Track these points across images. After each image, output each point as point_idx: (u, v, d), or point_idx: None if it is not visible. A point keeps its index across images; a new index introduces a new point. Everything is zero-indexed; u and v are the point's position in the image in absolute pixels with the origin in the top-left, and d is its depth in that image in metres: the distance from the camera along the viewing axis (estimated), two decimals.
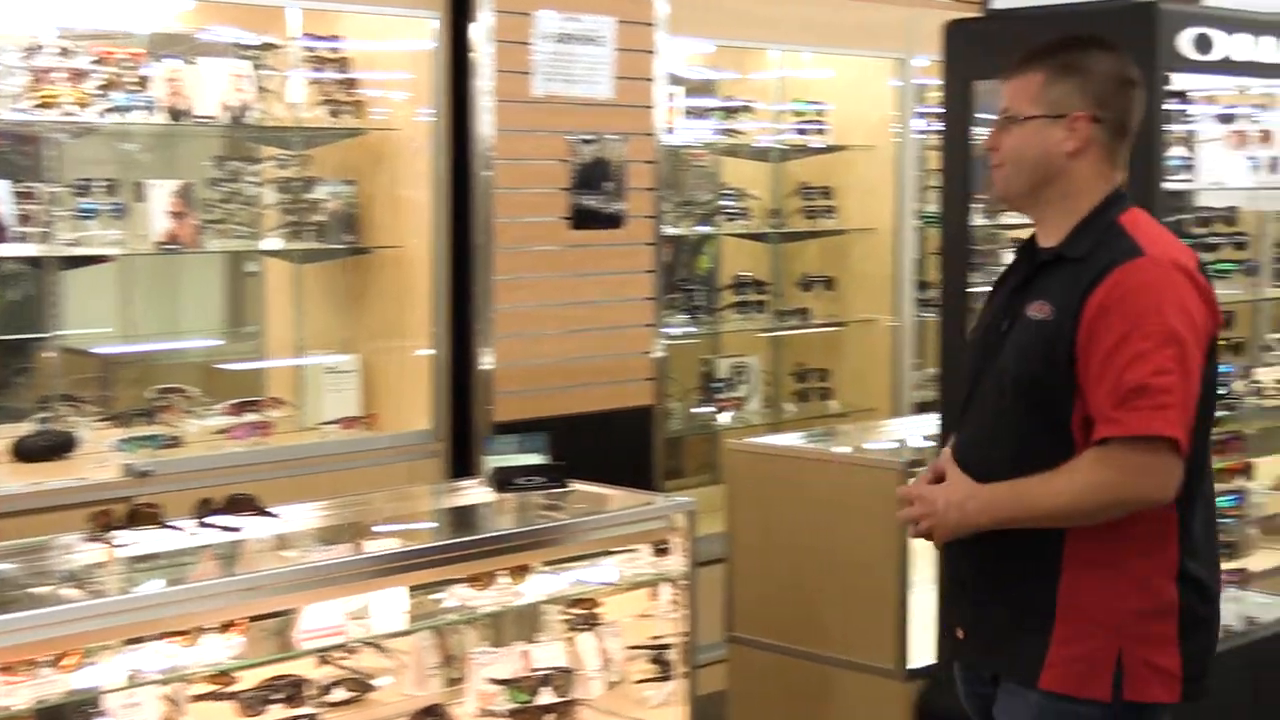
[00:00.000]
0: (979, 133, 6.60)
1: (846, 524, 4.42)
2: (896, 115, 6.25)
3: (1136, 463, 2.56)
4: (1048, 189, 2.74)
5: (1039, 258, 2.77)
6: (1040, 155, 2.73)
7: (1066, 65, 2.74)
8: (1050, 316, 2.66)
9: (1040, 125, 2.73)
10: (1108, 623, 2.64)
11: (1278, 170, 4.37)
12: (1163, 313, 2.58)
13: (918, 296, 6.35)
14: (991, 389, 2.76)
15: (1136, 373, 2.55)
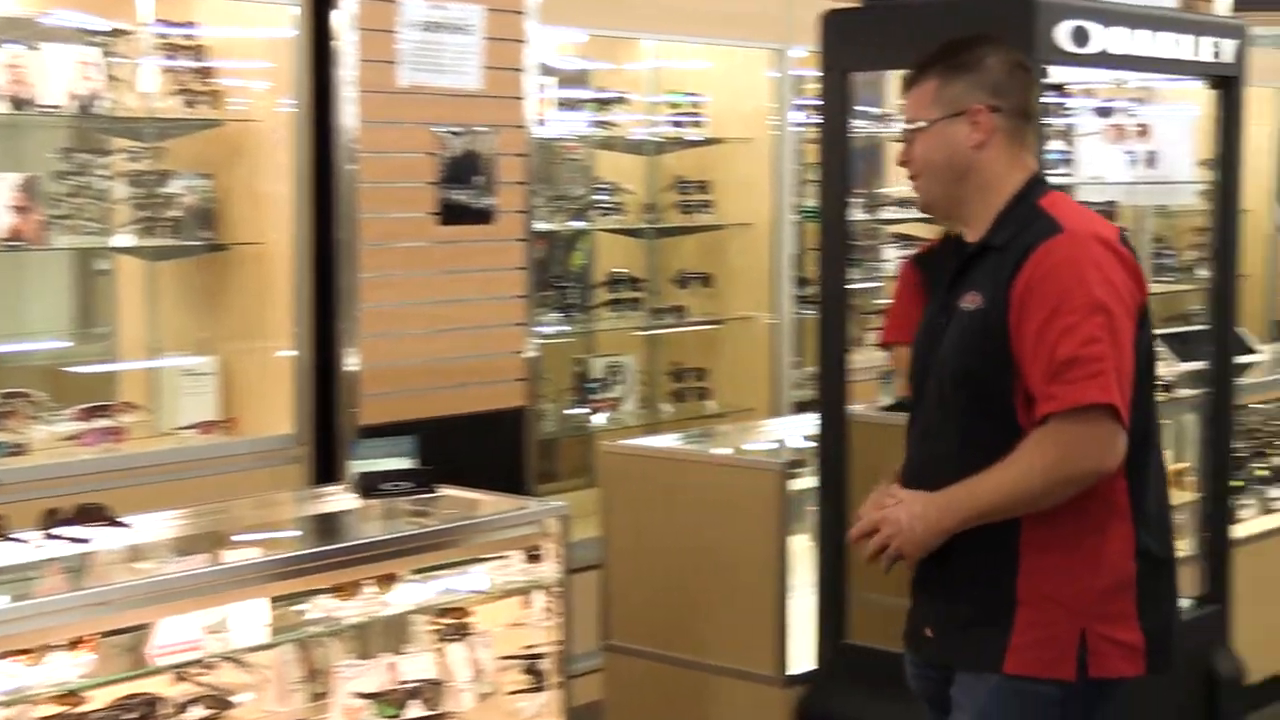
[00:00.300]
0: (858, 125, 6.72)
1: (725, 527, 4.44)
2: (774, 107, 6.30)
3: (1077, 434, 2.67)
4: (963, 186, 2.85)
5: (966, 251, 2.87)
6: (948, 155, 2.84)
7: (956, 64, 2.85)
8: (981, 305, 2.77)
9: (943, 126, 2.84)
10: (1069, 604, 2.73)
11: (1155, 165, 4.48)
12: (1086, 284, 2.68)
13: (797, 293, 6.41)
14: (934, 385, 2.86)
15: (1066, 346, 2.66)
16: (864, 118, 6.83)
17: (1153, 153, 4.45)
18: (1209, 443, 4.58)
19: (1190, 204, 6.97)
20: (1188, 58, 4.16)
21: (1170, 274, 7.82)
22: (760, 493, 4.36)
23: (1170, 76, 4.51)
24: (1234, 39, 4.29)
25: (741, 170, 6.41)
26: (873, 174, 7.61)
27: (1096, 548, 2.75)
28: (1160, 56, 4.09)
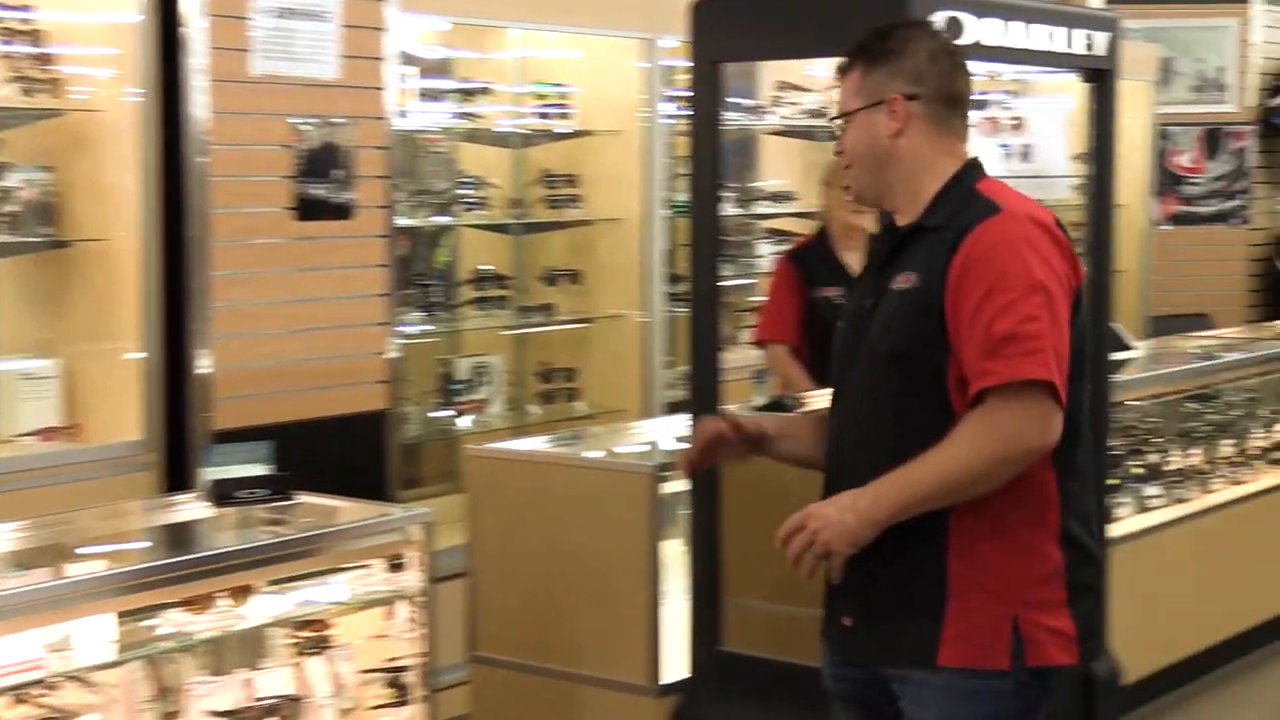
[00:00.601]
0: (730, 117, 6.75)
1: (596, 532, 4.45)
2: (644, 99, 6.32)
3: (1015, 412, 2.69)
4: (886, 174, 2.91)
5: (898, 234, 2.91)
6: (870, 144, 2.91)
7: (878, 53, 2.92)
8: (915, 284, 2.80)
9: (864, 116, 2.91)
10: (999, 591, 2.76)
11: (1030, 158, 4.56)
12: (1025, 263, 2.73)
13: (668, 290, 6.43)
14: (863, 369, 2.87)
15: (1004, 323, 2.69)
16: (736, 110, 6.89)
17: (1028, 146, 4.54)
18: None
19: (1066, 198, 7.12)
20: (1061, 50, 4.24)
21: None
22: (631, 496, 4.37)
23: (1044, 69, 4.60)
24: (1106, 32, 4.38)
25: (611, 164, 6.42)
26: (746, 168, 7.67)
27: (1026, 536, 2.78)
28: (1034, 49, 4.16)
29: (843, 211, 5.47)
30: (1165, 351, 6.67)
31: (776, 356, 5.45)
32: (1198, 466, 6.05)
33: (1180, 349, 6.69)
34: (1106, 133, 4.51)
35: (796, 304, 5.44)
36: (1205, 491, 5.98)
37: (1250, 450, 6.31)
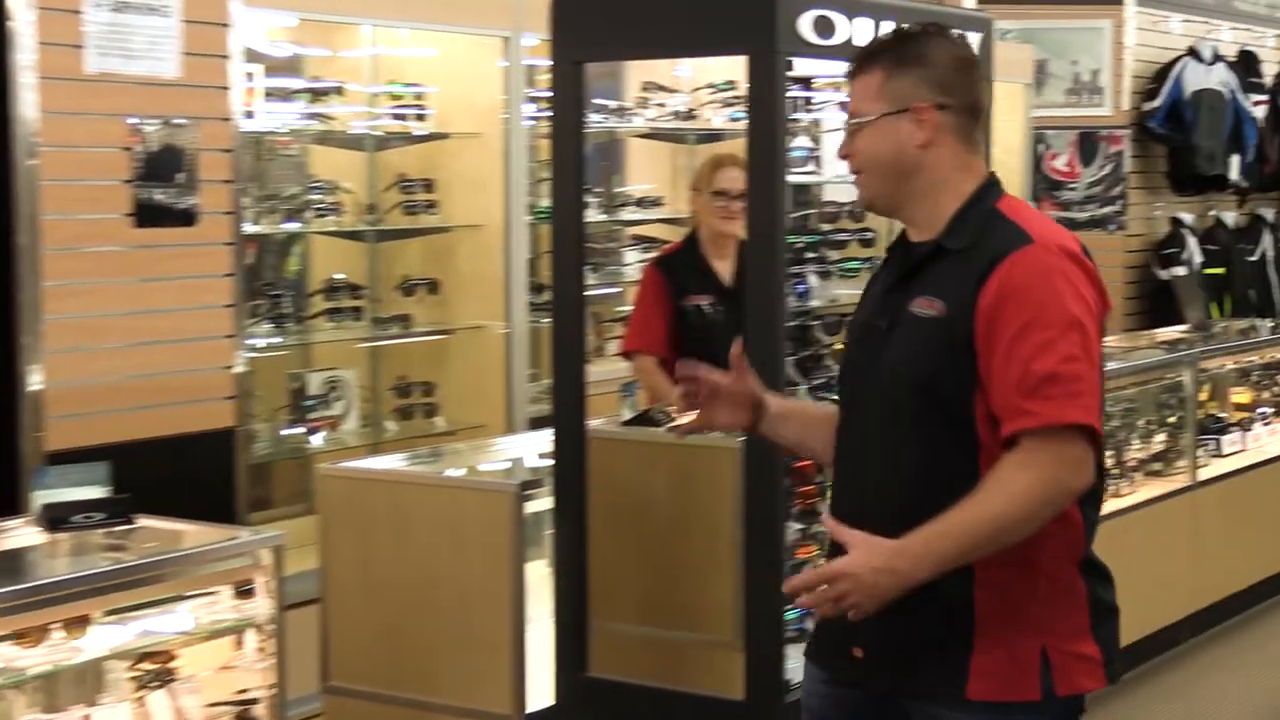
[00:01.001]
0: (595, 119, 6.78)
1: (456, 554, 4.43)
2: (505, 100, 6.31)
3: (1054, 454, 2.70)
4: (908, 185, 2.89)
5: (915, 253, 2.89)
6: (894, 152, 2.87)
7: (903, 57, 2.88)
8: (942, 313, 2.79)
9: (887, 122, 2.86)
10: (1027, 622, 2.80)
11: None
12: (1061, 298, 2.74)
13: (531, 300, 6.43)
14: (881, 393, 2.86)
15: (1044, 361, 2.70)
16: (600, 111, 6.91)
17: None
18: None
19: None
20: None
21: None
22: (494, 516, 4.36)
23: None
24: (978, 32, 4.45)
25: (470, 167, 6.40)
26: (611, 172, 7.70)
27: (1052, 565, 2.82)
28: None
29: (712, 218, 5.52)
30: None
31: (644, 368, 5.47)
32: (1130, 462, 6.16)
33: None
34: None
35: (664, 313, 5.47)
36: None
37: (1128, 463, 6.43)
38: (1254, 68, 10.79)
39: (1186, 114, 9.87)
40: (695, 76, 7.40)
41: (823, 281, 4.45)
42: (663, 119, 7.29)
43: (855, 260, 4.58)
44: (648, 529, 4.45)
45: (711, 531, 4.32)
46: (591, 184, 7.08)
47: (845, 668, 2.93)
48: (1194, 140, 9.93)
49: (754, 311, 3.98)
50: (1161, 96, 9.82)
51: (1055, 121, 9.71)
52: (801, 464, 4.29)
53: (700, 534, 4.36)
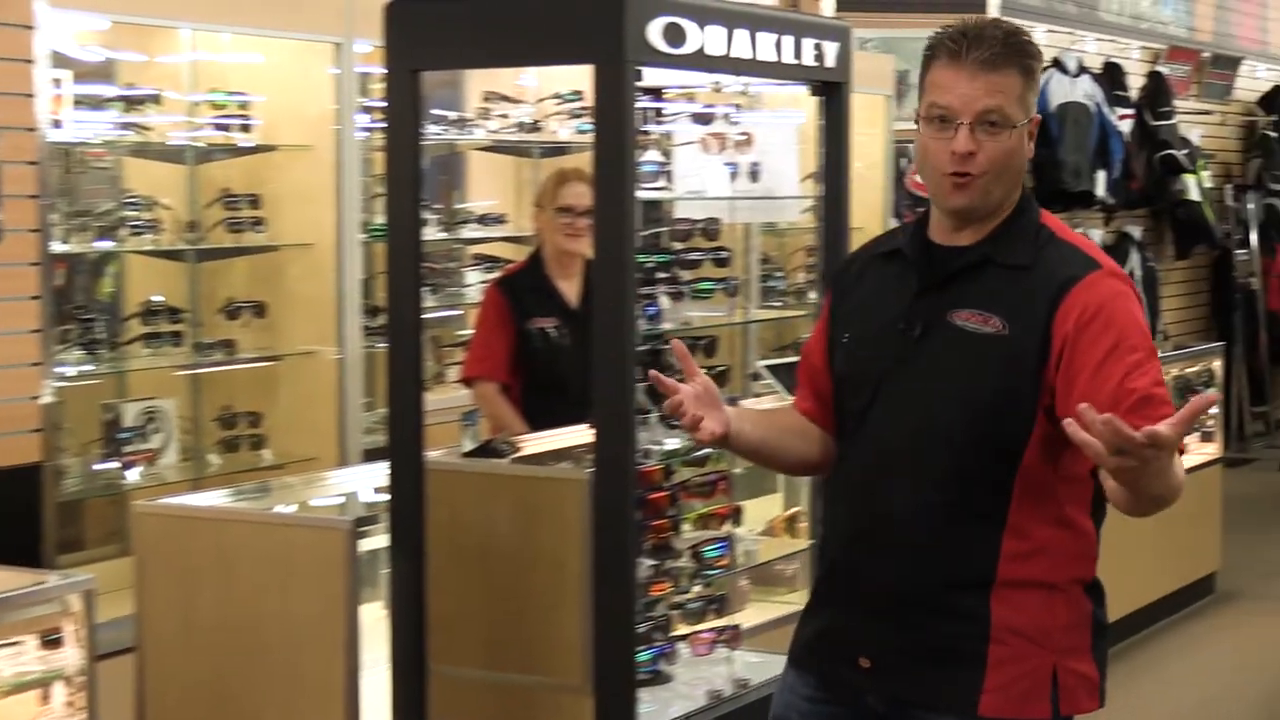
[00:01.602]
0: (433, 131, 6.76)
1: (285, 597, 4.38)
2: (336, 110, 6.27)
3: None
4: (1007, 194, 2.99)
5: (954, 259, 2.96)
6: (1014, 162, 2.96)
7: (1031, 69, 2.98)
8: (1004, 331, 2.89)
9: (1022, 132, 2.95)
10: (1041, 639, 2.95)
11: (759, 178, 4.66)
12: (1140, 325, 2.92)
13: (366, 324, 6.40)
14: (912, 404, 2.94)
15: (1140, 381, 2.83)
16: (439, 122, 6.89)
17: (756, 165, 4.63)
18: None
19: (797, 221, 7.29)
20: (789, 61, 4.36)
21: (779, 298, 8.15)
22: (325, 555, 4.32)
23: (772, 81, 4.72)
24: (837, 42, 4.52)
25: (299, 182, 6.36)
26: (451, 187, 7.68)
27: (1066, 585, 2.99)
28: (761, 60, 4.27)
29: (557, 236, 5.54)
30: None
31: (485, 395, 5.47)
32: None
33: None
34: (838, 150, 4.64)
35: (507, 337, 5.49)
36: None
37: None
38: (1120, 80, 11.05)
39: (1051, 128, 10.07)
40: (540, 86, 7.42)
41: (674, 303, 4.46)
42: (506, 131, 7.30)
43: (709, 281, 4.61)
44: (491, 567, 4.44)
45: (558, 568, 4.32)
46: (430, 199, 7.07)
47: (848, 676, 3.03)
48: (1059, 155, 10.13)
49: (602, 335, 3.99)
50: None
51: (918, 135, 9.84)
52: (655, 496, 4.31)
53: (547, 571, 4.35)
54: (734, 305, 4.60)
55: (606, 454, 4.01)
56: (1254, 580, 8.58)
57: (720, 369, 4.64)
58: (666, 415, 3.37)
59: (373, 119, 6.35)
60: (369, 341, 6.40)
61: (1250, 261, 12.66)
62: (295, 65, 6.32)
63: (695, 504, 4.54)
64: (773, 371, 5.73)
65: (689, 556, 4.45)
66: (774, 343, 8.57)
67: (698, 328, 4.56)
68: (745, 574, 5.01)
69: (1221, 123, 12.90)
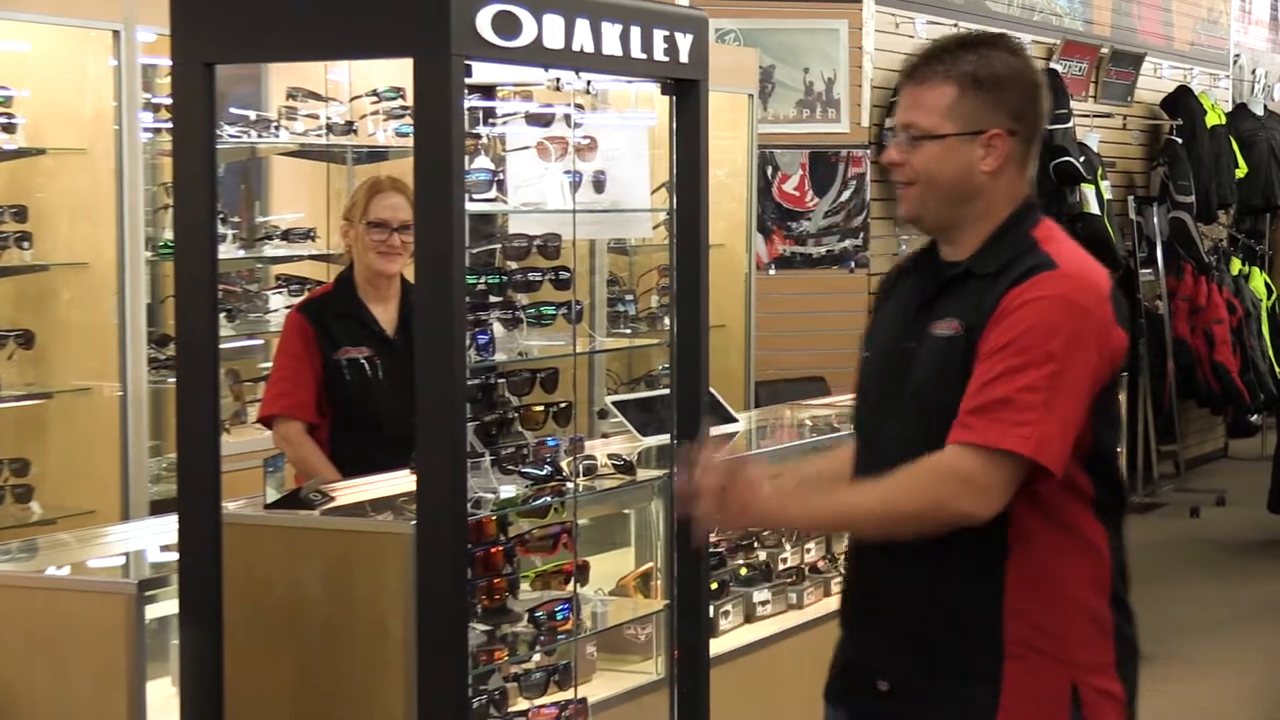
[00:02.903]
0: (230, 133, 6.72)
1: (59, 672, 4.34)
2: (116, 108, 6.21)
3: (973, 474, 3.17)
4: (964, 209, 3.32)
5: (945, 273, 3.36)
6: (957, 175, 3.31)
7: (979, 77, 3.27)
8: (958, 332, 3.26)
9: (957, 143, 3.29)
10: (1056, 654, 3.25)
11: (604, 188, 4.68)
12: (1052, 329, 3.19)
13: (153, 355, 6.34)
14: (903, 416, 3.33)
15: (1004, 386, 3.17)
16: (238, 123, 6.85)
17: (601, 173, 4.65)
18: (678, 536, 4.80)
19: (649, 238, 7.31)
20: (637, 55, 4.38)
21: (629, 325, 8.18)
22: (106, 623, 4.28)
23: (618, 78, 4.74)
24: (691, 33, 4.55)
25: (73, 191, 6.30)
26: (252, 197, 7.64)
27: (1082, 595, 3.28)
28: (605, 53, 4.29)
29: (369, 254, 5.52)
30: (774, 423, 6.94)
31: (289, 437, 5.44)
32: (815, 564, 6.29)
33: (792, 420, 6.97)
34: (694, 156, 4.67)
35: (313, 370, 5.45)
36: (824, 594, 6.22)
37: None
38: None
39: None
40: (354, 82, 7.41)
41: (509, 331, 4.47)
42: (314, 133, 7.27)
43: (548, 305, 4.62)
44: (299, 635, 4.41)
45: (378, 636, 4.30)
46: (227, 211, 7.02)
47: (872, 703, 3.36)
48: None
49: (425, 367, 3.98)
50: None
51: (785, 139, 9.93)
52: (488, 551, 4.31)
53: (364, 639, 4.33)
54: (577, 333, 4.60)
55: (432, 503, 4.01)
56: (1166, 640, 8.55)
57: (562, 405, 4.64)
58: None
59: (158, 118, 6.30)
60: (156, 376, 6.35)
61: (1156, 283, 12.85)
62: (68, 56, 6.26)
63: (535, 560, 4.54)
64: (622, 409, 5.75)
65: (528, 620, 4.46)
66: (624, 375, 8.61)
67: (536, 359, 4.57)
68: (592, 640, 5.02)
69: (1123, 127, 13.14)
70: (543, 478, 4.46)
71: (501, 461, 4.40)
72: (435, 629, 4.08)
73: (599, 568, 4.98)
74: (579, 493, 4.61)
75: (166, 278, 6.33)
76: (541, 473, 4.45)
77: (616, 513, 5.48)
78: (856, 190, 10.07)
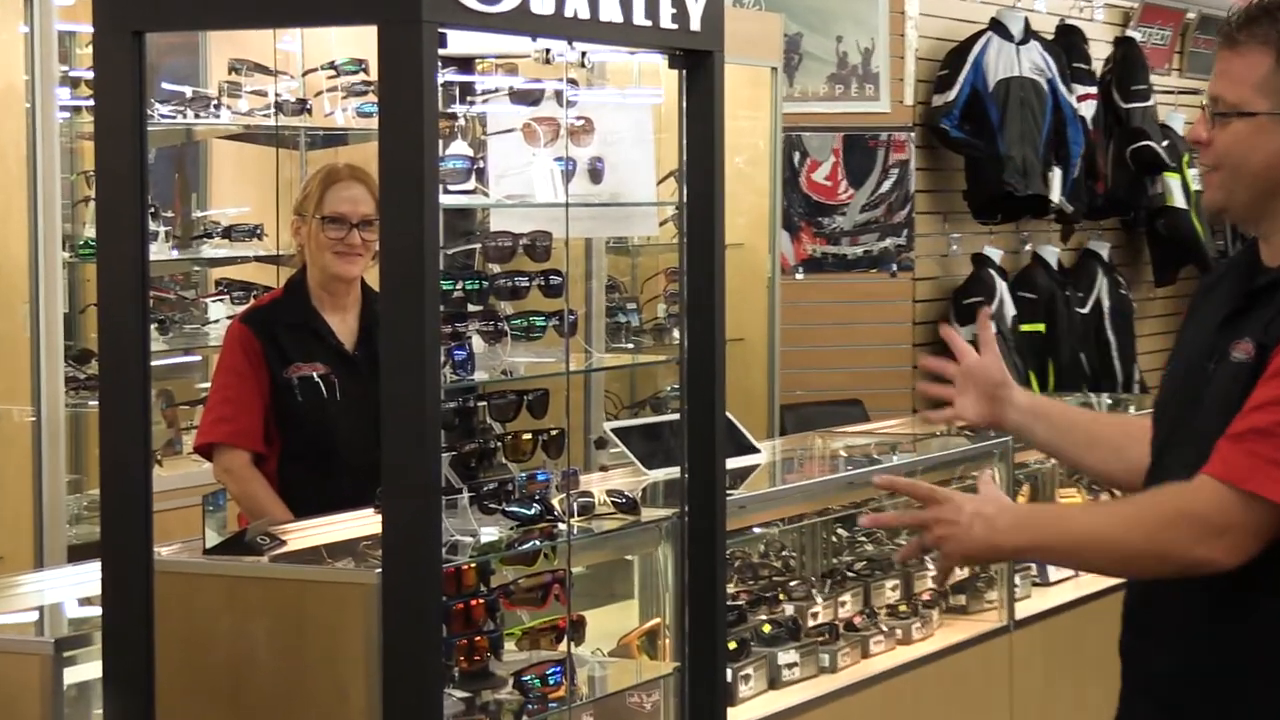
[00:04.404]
0: (163, 113, 6.73)
1: None
2: (29, 82, 6.23)
3: (1221, 513, 3.25)
4: (1275, 201, 3.33)
5: (1256, 281, 3.34)
6: (1269, 161, 3.31)
7: None
8: (1250, 357, 3.31)
9: (1267, 123, 3.28)
10: None
11: (602, 178, 4.69)
12: None
13: (71, 374, 6.35)
14: (1188, 443, 3.38)
15: (1270, 414, 3.22)
16: (172, 101, 6.87)
17: (599, 161, 4.66)
18: (691, 587, 4.81)
19: (655, 236, 7.31)
20: (641, 22, 4.39)
21: (631, 339, 8.18)
22: (17, 688, 4.29)
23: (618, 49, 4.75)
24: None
25: None
26: (188, 188, 7.65)
27: None
28: (603, 20, 4.30)
29: (324, 254, 5.50)
30: (802, 455, 6.94)
31: (231, 469, 5.43)
32: (850, 620, 6.30)
33: (823, 451, 6.97)
34: (707, 140, 4.68)
35: (259, 390, 5.43)
36: (862, 655, 6.23)
37: (923, 595, 6.60)
38: (1079, 49, 11.11)
39: (990, 111, 10.18)
40: (309, 53, 7.42)
41: (491, 345, 4.48)
42: (261, 113, 7.29)
43: (538, 315, 4.62)
44: (244, 702, 4.42)
45: (337, 702, 4.31)
46: (159, 205, 7.03)
47: None
48: (1000, 147, 10.21)
49: (391, 388, 3.98)
50: (957, 87, 10.09)
51: (815, 119, 9.92)
52: (473, 603, 4.32)
53: (321, 706, 4.35)
54: (571, 348, 4.60)
55: (400, 549, 4.01)
56: None
57: (553, 433, 4.65)
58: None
59: (77, 94, 6.32)
60: (75, 398, 6.36)
61: None
62: None
63: (522, 615, 4.55)
64: (624, 437, 5.75)
65: (513, 686, 4.46)
66: (626, 398, 8.61)
67: (523, 379, 4.58)
68: (589, 709, 5.02)
69: None
70: (531, 518, 4.46)
71: (482, 499, 4.41)
72: (404, 695, 4.08)
73: (597, 624, 4.98)
74: (573, 535, 4.61)
75: (88, 283, 6.35)
76: (529, 512, 4.46)
77: (618, 559, 5.48)
78: (899, 180, 10.05)
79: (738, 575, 6.14)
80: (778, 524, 6.22)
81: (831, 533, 6.52)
